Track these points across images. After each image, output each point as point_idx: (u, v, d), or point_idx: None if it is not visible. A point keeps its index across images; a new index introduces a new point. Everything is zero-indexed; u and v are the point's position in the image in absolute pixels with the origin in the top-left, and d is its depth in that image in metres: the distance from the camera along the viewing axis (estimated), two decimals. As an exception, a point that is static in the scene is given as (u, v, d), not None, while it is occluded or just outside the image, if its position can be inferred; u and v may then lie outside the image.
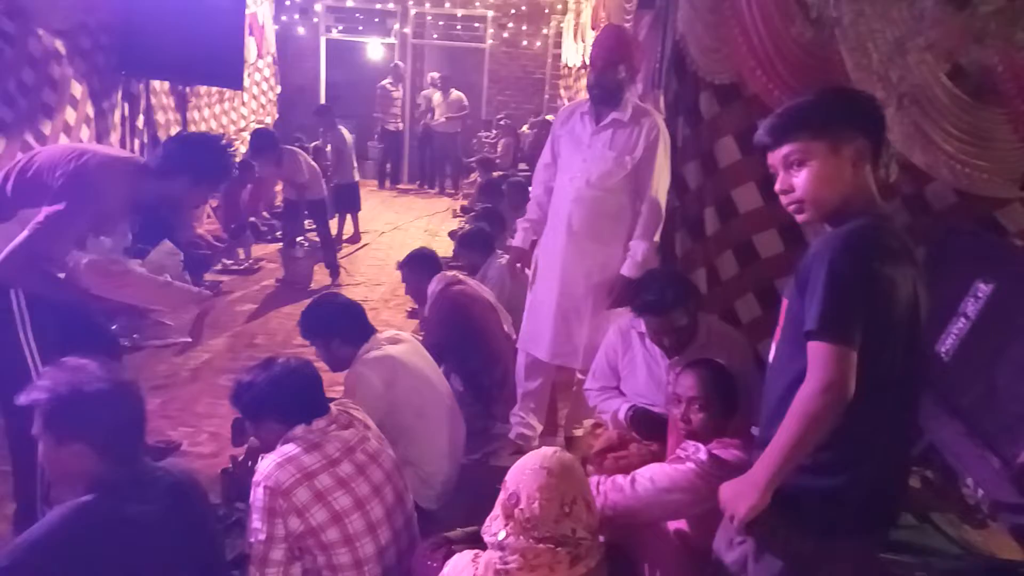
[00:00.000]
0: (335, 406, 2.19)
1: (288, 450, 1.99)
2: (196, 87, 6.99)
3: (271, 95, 9.57)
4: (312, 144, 8.34)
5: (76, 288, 2.50)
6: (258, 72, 9.04)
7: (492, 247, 4.40)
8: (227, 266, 6.38)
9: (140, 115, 5.87)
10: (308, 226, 6.91)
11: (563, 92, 9.81)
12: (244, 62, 6.70)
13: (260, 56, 8.99)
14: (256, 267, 6.53)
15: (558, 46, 10.43)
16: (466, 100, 10.66)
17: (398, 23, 11.19)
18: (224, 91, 7.73)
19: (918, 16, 2.77)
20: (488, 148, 10.20)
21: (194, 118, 7.04)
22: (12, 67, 4.08)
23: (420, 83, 11.32)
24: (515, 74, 11.39)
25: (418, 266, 3.78)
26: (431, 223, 8.84)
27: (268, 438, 2.12)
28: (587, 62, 4.37)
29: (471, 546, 1.91)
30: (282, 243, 6.60)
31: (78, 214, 2.32)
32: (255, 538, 1.95)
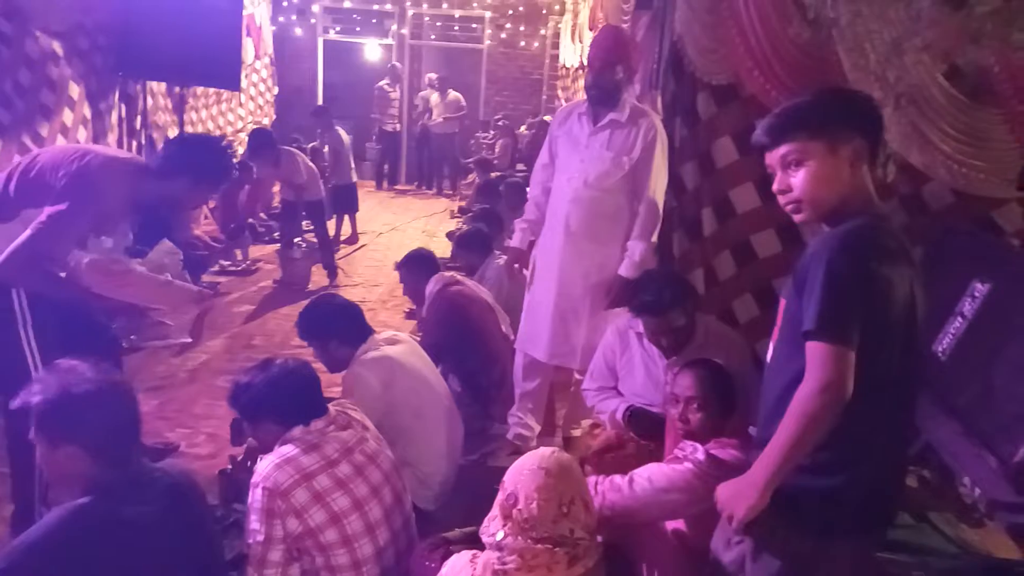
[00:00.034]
0: (333, 407, 2.19)
1: (287, 451, 1.99)
2: (193, 88, 6.99)
3: (268, 96, 9.56)
4: (310, 145, 8.34)
5: (78, 287, 2.52)
6: (255, 73, 9.03)
7: (490, 248, 4.40)
8: (224, 267, 6.37)
9: (137, 116, 5.87)
10: (306, 227, 6.91)
11: (561, 93, 9.82)
12: (241, 63, 6.70)
13: (257, 57, 8.98)
14: (254, 268, 6.52)
15: (556, 47, 10.44)
16: (464, 101, 10.66)
17: (396, 24, 11.19)
18: (221, 92, 7.72)
19: (915, 17, 2.77)
20: (486, 149, 10.20)
21: (191, 119, 7.03)
22: (9, 68, 4.08)
23: (418, 84, 11.32)
24: (513, 75, 11.40)
25: (416, 267, 3.78)
26: (429, 224, 8.84)
27: (266, 439, 2.12)
28: (585, 63, 4.38)
29: (469, 546, 1.91)
30: (280, 244, 6.60)
31: (80, 214, 2.34)
32: (253, 539, 1.95)
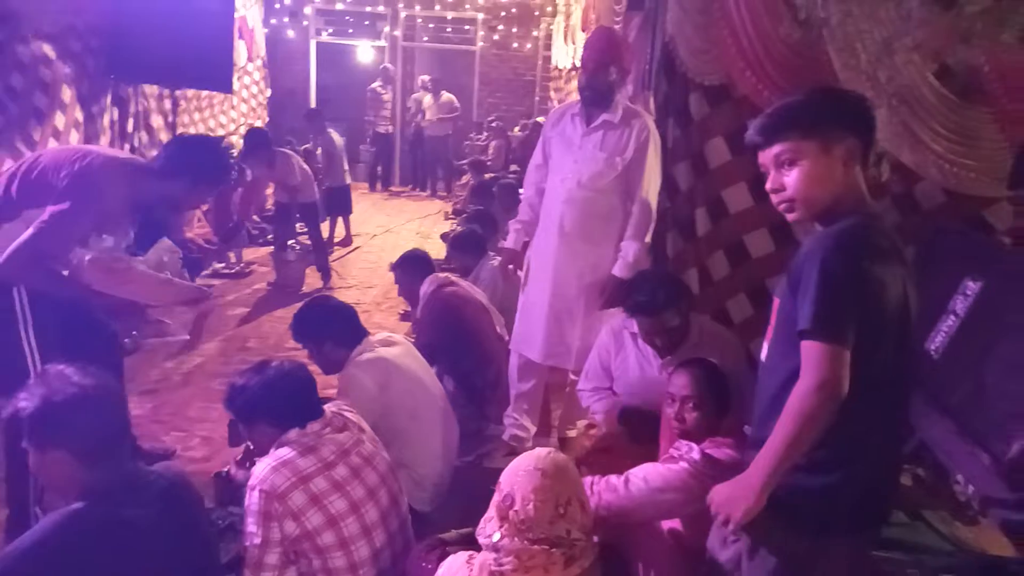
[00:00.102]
0: (329, 409, 2.19)
1: (283, 454, 1.99)
2: (185, 90, 6.97)
3: (261, 98, 9.54)
4: (303, 147, 8.33)
5: (79, 285, 2.54)
6: (248, 75, 9.01)
7: (484, 249, 4.40)
8: (218, 270, 6.36)
9: (130, 119, 5.85)
10: (299, 229, 6.90)
11: (553, 94, 9.83)
12: (234, 65, 6.68)
13: (250, 59, 8.96)
14: (247, 271, 6.51)
15: (548, 48, 10.46)
16: (457, 102, 10.66)
17: (388, 26, 11.18)
18: (214, 94, 7.71)
19: (905, 16, 2.79)
20: (479, 150, 10.21)
21: (183, 122, 7.01)
22: (1, 72, 4.07)
23: (411, 86, 11.32)
24: (505, 76, 11.41)
25: (411, 267, 3.78)
26: (423, 225, 8.84)
27: (261, 441, 2.11)
28: (577, 64, 4.38)
29: (465, 548, 1.91)
30: (273, 246, 6.59)
31: (82, 212, 2.38)
32: (250, 542, 1.94)
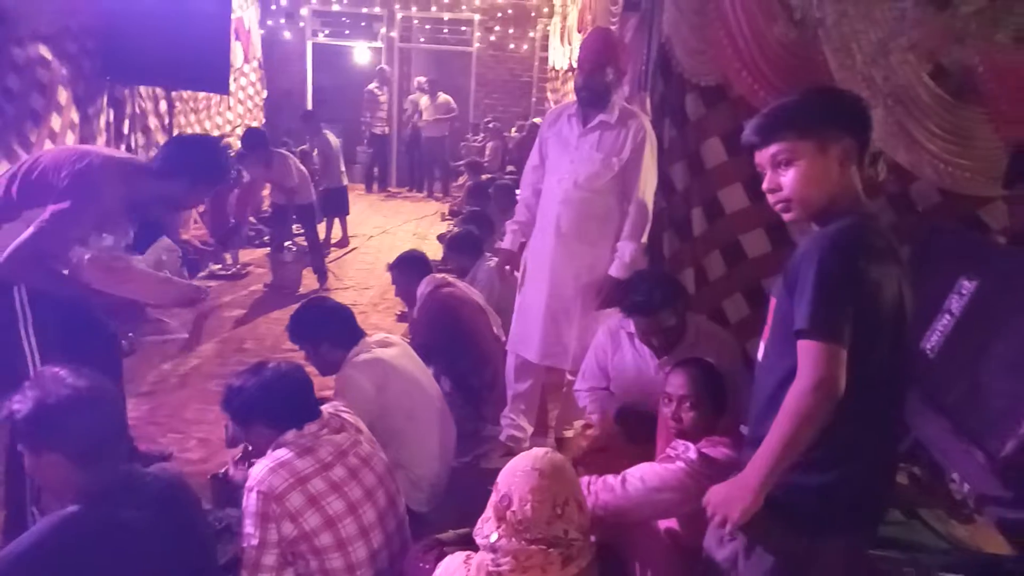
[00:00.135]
0: (327, 409, 2.19)
1: (281, 455, 1.99)
2: (181, 92, 6.96)
3: (257, 99, 9.55)
4: (299, 148, 8.32)
5: (79, 283, 2.55)
6: (244, 77, 9.02)
7: (480, 250, 4.41)
8: (214, 271, 6.35)
9: (126, 120, 5.84)
10: (296, 231, 6.89)
11: (550, 95, 9.83)
12: (230, 67, 6.68)
13: (246, 60, 8.97)
14: (244, 272, 6.49)
15: (545, 49, 10.45)
16: (454, 103, 10.67)
17: (385, 27, 11.17)
18: (210, 96, 7.70)
19: (899, 17, 2.80)
20: (476, 151, 10.21)
21: (180, 123, 7.01)
22: (-2, 73, 4.07)
23: (407, 87, 11.32)
24: (502, 77, 11.40)
25: (408, 268, 3.79)
26: (419, 227, 8.84)
27: (258, 443, 2.11)
28: (574, 65, 4.39)
29: (463, 548, 1.91)
30: (270, 248, 6.58)
31: (82, 212, 2.39)
32: (248, 543, 1.94)
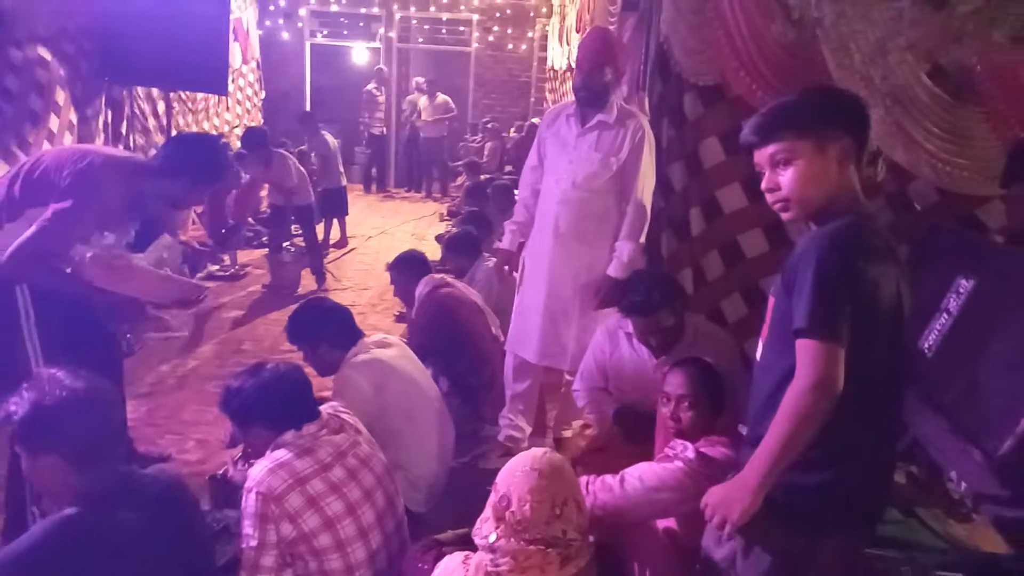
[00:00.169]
0: (326, 410, 2.19)
1: (280, 455, 1.99)
2: (180, 92, 6.96)
3: (256, 100, 9.55)
4: (297, 149, 8.32)
5: (81, 281, 2.56)
6: (242, 77, 9.02)
7: (479, 250, 4.41)
8: (213, 272, 6.34)
9: (123, 121, 5.84)
10: (294, 231, 6.89)
11: (549, 95, 9.83)
12: (228, 67, 6.67)
13: (244, 61, 8.97)
14: (242, 273, 6.49)
15: (543, 49, 10.46)
16: (452, 104, 10.66)
17: (383, 27, 11.17)
18: (208, 97, 7.70)
19: (897, 16, 2.80)
20: (474, 152, 10.21)
21: (178, 124, 7.00)
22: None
23: (405, 87, 11.31)
24: (500, 77, 11.41)
25: (407, 268, 3.79)
26: (418, 227, 8.84)
27: (257, 443, 2.11)
28: (572, 65, 4.39)
29: (461, 548, 1.91)
30: (268, 249, 6.58)
31: (83, 211, 2.41)
32: (247, 544, 1.94)
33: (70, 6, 4.79)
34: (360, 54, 11.98)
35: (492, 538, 1.69)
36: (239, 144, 6.57)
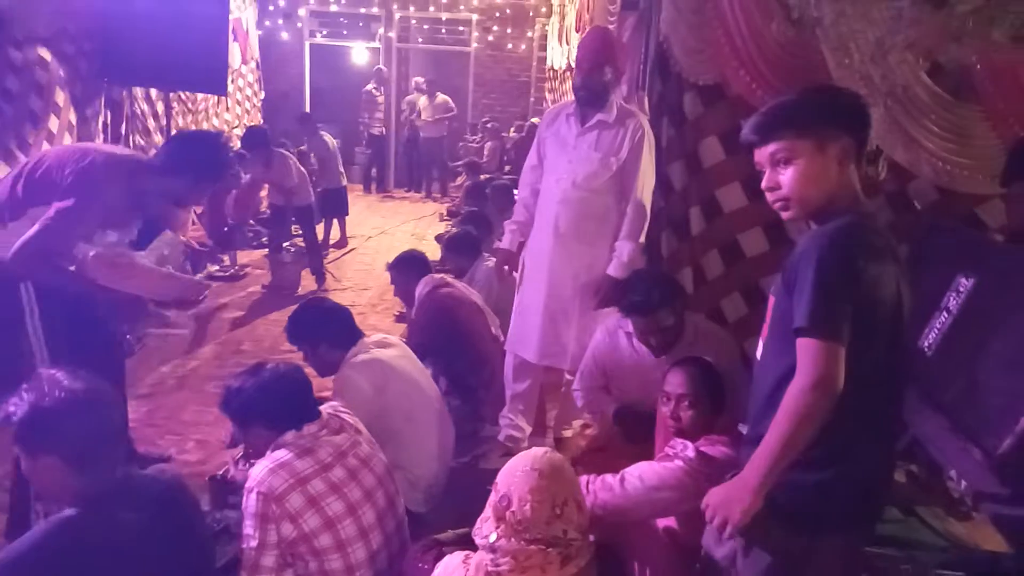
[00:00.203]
0: (326, 410, 2.19)
1: (280, 456, 1.99)
2: (179, 93, 6.96)
3: (255, 100, 9.54)
4: (296, 149, 8.32)
5: (85, 279, 2.57)
6: (242, 78, 9.01)
7: (479, 250, 4.41)
8: (213, 273, 6.33)
9: (123, 122, 5.84)
10: (294, 232, 6.89)
11: (548, 95, 9.83)
12: (228, 67, 6.67)
13: (244, 61, 8.96)
14: (242, 273, 6.49)
15: (543, 49, 10.46)
16: (452, 104, 10.66)
17: (383, 27, 11.17)
18: (208, 97, 7.70)
19: (896, 16, 2.80)
20: (474, 152, 10.21)
21: (177, 124, 7.00)
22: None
23: (405, 87, 11.31)
24: (500, 77, 11.41)
25: (406, 268, 3.79)
26: (418, 227, 8.84)
27: (257, 444, 2.11)
28: (572, 64, 4.39)
29: (461, 548, 1.91)
30: (268, 249, 6.58)
31: (86, 209, 2.42)
32: (247, 544, 1.94)
33: (70, 6, 4.79)
34: (360, 54, 11.98)
35: (492, 538, 1.69)
36: (239, 144, 6.57)
